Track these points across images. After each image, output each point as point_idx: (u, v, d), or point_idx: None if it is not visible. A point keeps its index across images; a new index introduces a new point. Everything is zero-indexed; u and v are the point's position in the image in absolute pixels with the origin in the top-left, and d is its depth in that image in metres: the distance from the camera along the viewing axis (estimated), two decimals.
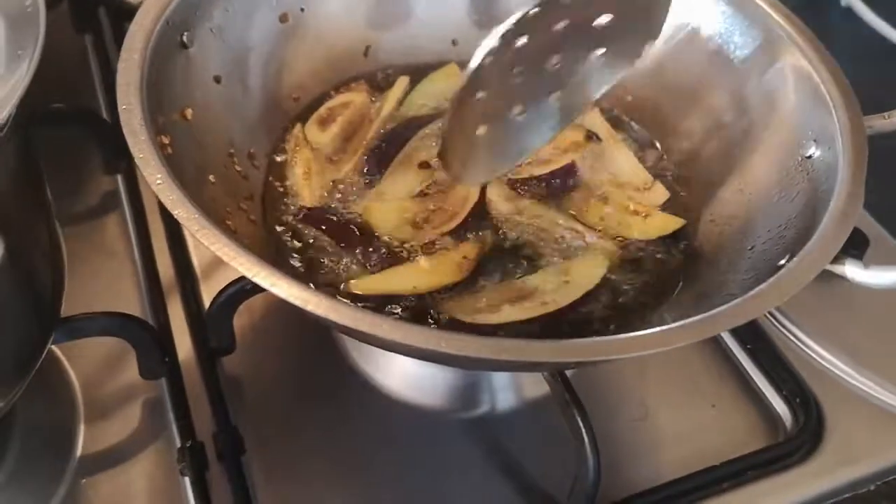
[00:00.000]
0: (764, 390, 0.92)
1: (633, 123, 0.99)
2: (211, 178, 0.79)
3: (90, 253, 0.96)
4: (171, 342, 0.88)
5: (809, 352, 0.94)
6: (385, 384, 0.88)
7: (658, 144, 0.97)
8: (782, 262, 0.70)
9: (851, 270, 0.68)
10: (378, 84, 1.01)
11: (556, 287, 0.80)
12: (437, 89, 1.00)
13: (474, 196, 0.87)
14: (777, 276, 0.66)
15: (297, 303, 0.58)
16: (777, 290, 0.65)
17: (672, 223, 0.88)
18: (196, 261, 0.96)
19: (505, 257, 0.85)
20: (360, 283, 0.80)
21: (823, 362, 0.93)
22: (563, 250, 0.85)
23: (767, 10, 0.89)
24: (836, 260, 0.68)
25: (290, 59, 0.95)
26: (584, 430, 0.76)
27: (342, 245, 0.83)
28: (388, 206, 0.86)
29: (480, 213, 0.87)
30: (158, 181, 0.64)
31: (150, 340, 0.82)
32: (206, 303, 0.90)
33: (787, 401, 0.90)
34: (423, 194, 0.88)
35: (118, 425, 0.83)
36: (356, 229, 0.84)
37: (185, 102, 0.80)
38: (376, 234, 0.84)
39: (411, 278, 0.80)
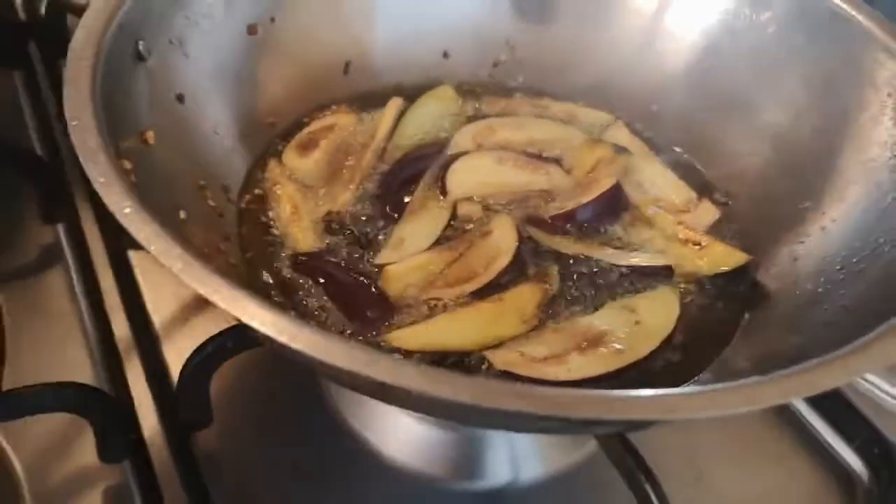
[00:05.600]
0: (832, 442, 0.80)
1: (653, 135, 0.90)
2: (182, 214, 0.66)
3: (30, 315, 0.84)
4: (133, 416, 0.76)
5: (882, 393, 0.82)
6: (391, 454, 0.75)
7: (697, 160, 0.87)
8: None
9: None
10: (363, 106, 0.90)
11: (628, 329, 0.69)
12: (431, 114, 0.90)
13: (509, 243, 0.75)
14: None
15: (322, 356, 0.45)
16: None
17: (733, 257, 0.77)
18: (156, 319, 0.84)
19: (559, 295, 0.74)
20: (402, 335, 0.68)
21: None
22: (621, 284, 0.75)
23: None
24: None
25: (262, 78, 0.85)
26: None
27: (347, 311, 0.71)
28: (408, 265, 0.74)
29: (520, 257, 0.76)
30: (127, 210, 0.50)
31: (112, 414, 0.71)
32: (172, 367, 0.79)
33: (861, 453, 0.79)
34: (445, 238, 0.77)
35: None
36: (368, 284, 0.73)
37: (146, 123, 0.67)
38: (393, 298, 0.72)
39: (466, 331, 0.69)
